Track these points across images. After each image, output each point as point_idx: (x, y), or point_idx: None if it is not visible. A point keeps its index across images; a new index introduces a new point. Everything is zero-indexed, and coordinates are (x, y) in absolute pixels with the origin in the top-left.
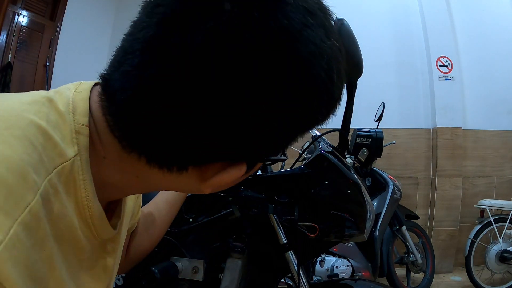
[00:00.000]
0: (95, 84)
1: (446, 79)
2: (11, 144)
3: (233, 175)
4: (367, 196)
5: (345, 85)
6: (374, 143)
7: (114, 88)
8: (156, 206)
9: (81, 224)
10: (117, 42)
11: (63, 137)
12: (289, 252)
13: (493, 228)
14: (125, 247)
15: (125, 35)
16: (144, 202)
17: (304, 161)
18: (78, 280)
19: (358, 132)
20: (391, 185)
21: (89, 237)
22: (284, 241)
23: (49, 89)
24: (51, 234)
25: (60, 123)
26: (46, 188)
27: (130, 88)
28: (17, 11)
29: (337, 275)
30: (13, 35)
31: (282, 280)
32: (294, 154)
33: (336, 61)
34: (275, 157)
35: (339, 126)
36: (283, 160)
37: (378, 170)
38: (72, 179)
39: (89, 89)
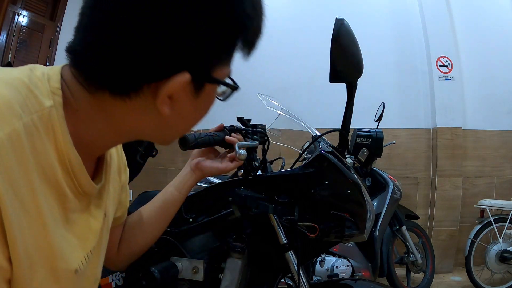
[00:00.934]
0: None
1: (446, 79)
2: (1, 86)
3: (177, 81)
4: (367, 196)
5: None
6: (374, 143)
7: (74, 46)
8: (153, 204)
9: (62, 171)
10: None
11: (41, 93)
12: (289, 252)
13: (493, 228)
14: (115, 238)
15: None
16: (144, 202)
17: (304, 161)
18: (60, 228)
19: (358, 132)
20: (391, 185)
21: (70, 187)
22: (284, 241)
23: None
24: (35, 169)
25: (39, 84)
26: (29, 123)
27: (83, 39)
28: (17, 11)
29: (337, 275)
30: (13, 35)
31: (282, 280)
32: (294, 154)
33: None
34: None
35: (339, 126)
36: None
37: (378, 170)
38: (50, 126)
39: (60, 66)
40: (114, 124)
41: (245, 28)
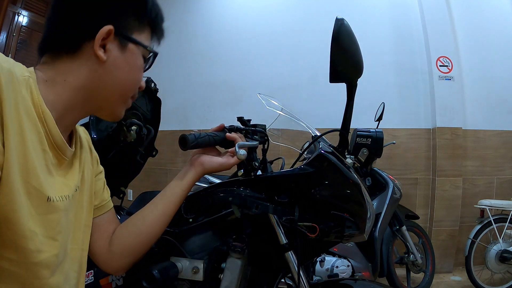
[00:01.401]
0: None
1: (446, 79)
2: None
3: (104, 29)
4: (367, 196)
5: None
6: (374, 143)
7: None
8: (153, 202)
9: (39, 121)
10: None
11: (21, 69)
12: (289, 252)
13: (493, 228)
14: (103, 232)
15: None
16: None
17: (304, 161)
18: (39, 158)
19: (358, 132)
20: (391, 185)
21: (46, 137)
22: (284, 241)
23: None
24: (22, 108)
25: (19, 66)
26: (16, 77)
27: (44, 32)
28: (17, 11)
29: (337, 275)
30: (13, 35)
31: (282, 280)
32: (294, 154)
33: (155, 3)
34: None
35: (339, 126)
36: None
37: (378, 170)
38: (29, 87)
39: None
40: (70, 84)
41: (145, 8)
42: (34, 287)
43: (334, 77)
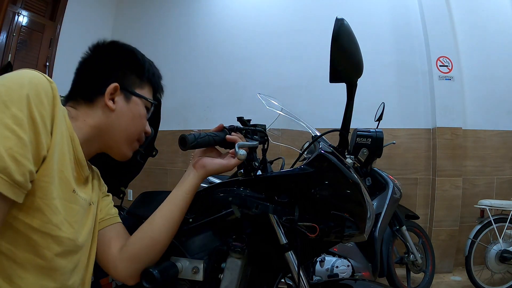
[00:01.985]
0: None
1: (446, 79)
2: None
3: (111, 86)
4: (367, 196)
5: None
6: (374, 143)
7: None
8: (157, 209)
9: (69, 142)
10: None
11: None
12: (289, 252)
13: (493, 228)
14: (107, 239)
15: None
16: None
17: (304, 161)
18: (70, 171)
19: (358, 132)
20: (391, 185)
21: (73, 153)
22: (284, 241)
23: None
24: (63, 123)
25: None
26: (56, 98)
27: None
28: (17, 11)
29: (337, 275)
30: (13, 35)
31: (282, 280)
32: (294, 154)
33: (152, 65)
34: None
35: (339, 126)
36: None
37: (378, 170)
38: (64, 113)
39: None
40: (88, 123)
41: (143, 70)
42: (44, 257)
43: (334, 77)
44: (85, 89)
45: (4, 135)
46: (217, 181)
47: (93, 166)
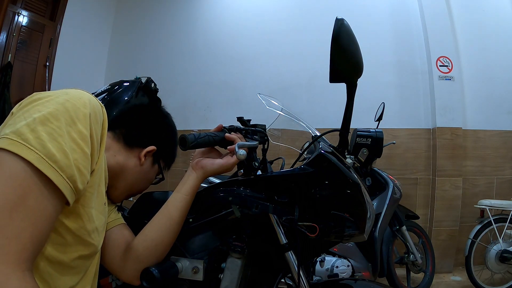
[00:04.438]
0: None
1: (446, 79)
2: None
3: (151, 147)
4: (367, 196)
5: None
6: (374, 143)
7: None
8: (158, 211)
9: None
10: (116, 42)
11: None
12: (289, 252)
13: (493, 228)
14: (112, 239)
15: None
16: (145, 203)
17: (304, 161)
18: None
19: (358, 132)
20: (391, 185)
21: (103, 187)
22: (284, 241)
23: (49, 89)
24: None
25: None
26: (105, 121)
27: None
28: (17, 11)
29: (337, 275)
30: (13, 35)
31: (282, 280)
32: (294, 154)
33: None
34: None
35: (339, 126)
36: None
37: (378, 170)
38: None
39: None
40: (115, 159)
41: (173, 154)
42: (69, 256)
43: (334, 77)
44: (131, 134)
45: (72, 147)
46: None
47: None
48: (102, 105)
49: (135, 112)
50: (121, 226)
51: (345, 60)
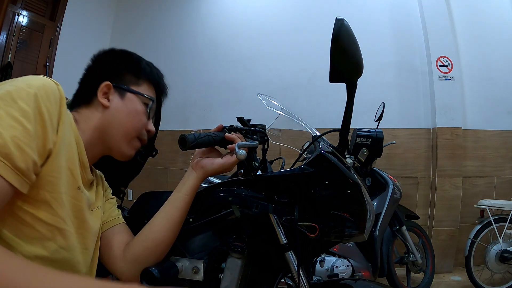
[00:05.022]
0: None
1: (446, 79)
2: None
3: (103, 84)
4: (367, 196)
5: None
6: (374, 143)
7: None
8: (159, 211)
9: (75, 144)
10: (116, 42)
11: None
12: (289, 252)
13: (493, 228)
14: (112, 242)
15: None
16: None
17: (304, 161)
18: (77, 169)
19: (358, 132)
20: (391, 185)
21: (78, 154)
22: (284, 241)
23: None
24: (70, 124)
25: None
26: (63, 99)
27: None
28: (17, 11)
29: (337, 275)
30: (13, 35)
31: (282, 280)
32: (294, 154)
33: (150, 65)
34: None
35: (339, 126)
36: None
37: (378, 170)
38: (70, 117)
39: None
40: (89, 125)
41: (139, 68)
42: (49, 249)
43: (334, 77)
44: (83, 93)
45: (10, 125)
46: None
47: (97, 170)
48: (58, 84)
49: (80, 78)
50: (120, 225)
51: (345, 60)
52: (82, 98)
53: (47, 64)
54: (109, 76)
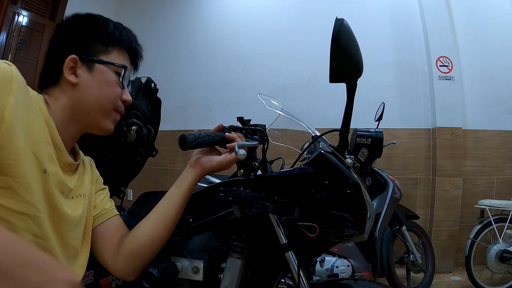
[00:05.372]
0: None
1: (446, 79)
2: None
3: (68, 59)
4: (367, 196)
5: None
6: (374, 143)
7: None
8: (155, 207)
9: (45, 124)
10: None
11: (32, 91)
12: (289, 252)
13: (493, 228)
14: (107, 238)
15: None
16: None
17: (304, 161)
18: (44, 151)
19: (358, 132)
20: (391, 185)
21: (50, 143)
22: (284, 241)
23: None
24: (31, 106)
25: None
26: (25, 83)
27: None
28: (17, 11)
29: (337, 275)
30: (13, 35)
31: (282, 280)
32: (294, 154)
33: (119, 27)
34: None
35: (339, 126)
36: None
37: (378, 170)
38: (38, 100)
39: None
40: (59, 105)
41: (106, 34)
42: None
43: (334, 77)
44: (49, 71)
45: None
46: (217, 181)
47: (87, 157)
48: (11, 64)
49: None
50: (114, 218)
51: (345, 60)
52: (48, 78)
53: None
54: (74, 48)
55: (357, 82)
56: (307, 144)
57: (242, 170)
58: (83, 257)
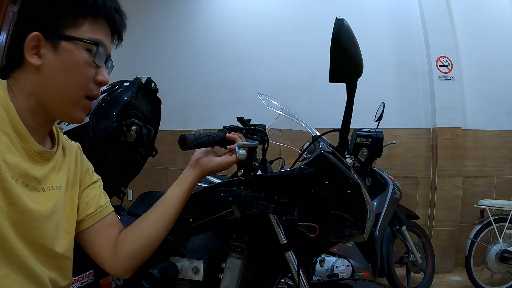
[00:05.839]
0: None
1: (446, 79)
2: None
3: (29, 36)
4: (367, 196)
5: None
6: (374, 143)
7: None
8: (153, 206)
9: (3, 111)
10: None
11: None
12: (289, 252)
13: (493, 228)
14: (105, 238)
15: None
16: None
17: (304, 161)
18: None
19: (358, 132)
20: (391, 185)
21: (9, 123)
22: (284, 241)
23: None
24: None
25: None
26: None
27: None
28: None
29: (337, 275)
30: None
31: (282, 280)
32: (294, 154)
33: None
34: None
35: (339, 126)
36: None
37: (378, 170)
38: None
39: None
40: (23, 91)
41: (75, 2)
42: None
43: (334, 77)
44: (12, 52)
45: None
46: (217, 181)
47: (75, 142)
48: None
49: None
50: (110, 216)
51: (345, 60)
52: (11, 60)
53: None
54: (39, 23)
55: (357, 82)
56: (307, 144)
57: (242, 170)
58: (67, 255)
